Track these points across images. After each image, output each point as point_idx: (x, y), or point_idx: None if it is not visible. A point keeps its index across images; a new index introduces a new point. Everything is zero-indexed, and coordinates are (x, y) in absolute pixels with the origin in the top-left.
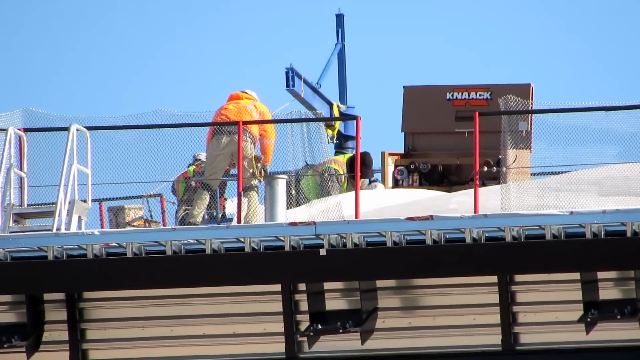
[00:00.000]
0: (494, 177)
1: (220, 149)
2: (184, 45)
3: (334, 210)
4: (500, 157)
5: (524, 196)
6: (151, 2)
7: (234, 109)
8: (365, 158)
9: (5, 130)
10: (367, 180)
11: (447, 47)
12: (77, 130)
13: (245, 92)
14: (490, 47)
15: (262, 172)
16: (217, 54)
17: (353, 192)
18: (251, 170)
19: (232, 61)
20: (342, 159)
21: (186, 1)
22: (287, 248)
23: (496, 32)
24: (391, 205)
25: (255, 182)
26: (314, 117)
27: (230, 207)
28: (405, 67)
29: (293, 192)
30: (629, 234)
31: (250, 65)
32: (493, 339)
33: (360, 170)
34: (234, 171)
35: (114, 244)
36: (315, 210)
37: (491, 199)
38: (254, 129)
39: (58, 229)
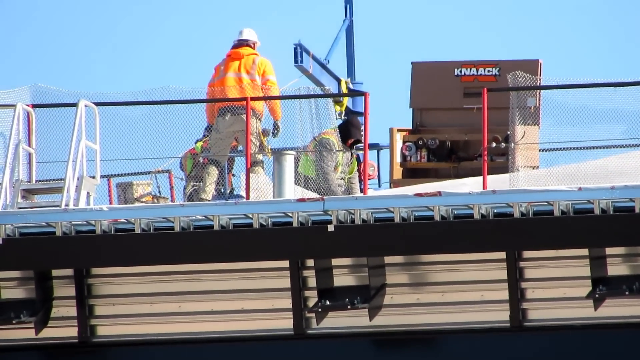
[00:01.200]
0: (502, 153)
1: (226, 128)
2: (192, 20)
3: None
4: (508, 133)
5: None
6: None
7: (234, 80)
8: (353, 120)
9: (13, 106)
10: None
11: (455, 22)
12: (86, 106)
13: (246, 44)
14: (498, 22)
15: (277, 131)
16: (226, 29)
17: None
18: (259, 144)
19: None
20: (331, 129)
21: None
22: (295, 224)
23: (505, 8)
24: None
25: (261, 156)
26: (322, 93)
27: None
28: (413, 43)
29: (300, 168)
30: (637, 210)
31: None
32: (501, 315)
33: (349, 131)
34: (241, 147)
35: (123, 220)
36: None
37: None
38: (260, 105)
39: (66, 205)
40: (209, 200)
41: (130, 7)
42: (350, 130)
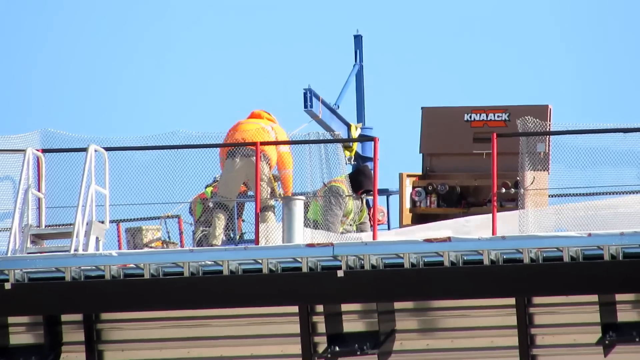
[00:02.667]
0: (512, 199)
1: (235, 170)
2: (202, 66)
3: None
4: (518, 178)
5: (542, 220)
6: (169, 23)
7: (251, 129)
8: (364, 169)
9: (23, 150)
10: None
11: (465, 67)
12: (95, 150)
13: (268, 113)
14: (508, 68)
15: (281, 192)
16: (236, 74)
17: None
18: (269, 190)
19: (250, 81)
20: (342, 177)
21: (204, 22)
22: (304, 269)
23: (514, 53)
24: (409, 228)
25: (272, 202)
26: (331, 138)
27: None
28: (423, 88)
29: (310, 213)
30: None
31: (268, 85)
32: None
33: (359, 181)
34: (251, 192)
35: (132, 265)
36: (334, 238)
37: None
38: (271, 154)
39: (76, 250)
40: (218, 246)
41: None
42: (361, 181)
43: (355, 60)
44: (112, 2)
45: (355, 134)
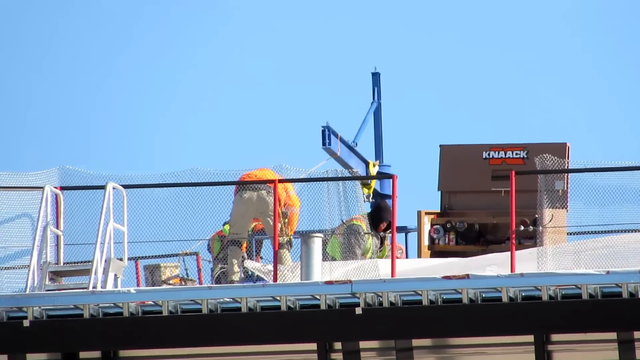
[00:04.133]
0: (530, 237)
1: (244, 204)
2: (222, 104)
3: (370, 269)
4: (536, 216)
5: (561, 258)
6: (189, 63)
7: (258, 173)
8: (383, 204)
9: (41, 188)
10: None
11: (483, 105)
12: (114, 188)
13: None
14: (527, 105)
15: (289, 246)
16: (255, 112)
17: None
18: (279, 226)
19: (269, 119)
20: (361, 215)
21: (225, 61)
22: (323, 307)
23: (533, 91)
24: (427, 266)
25: (283, 239)
26: (350, 175)
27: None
28: (441, 125)
29: (329, 250)
30: None
31: (287, 123)
32: None
33: (380, 215)
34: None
35: (150, 302)
36: (351, 267)
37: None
38: (280, 192)
39: (94, 287)
40: (237, 281)
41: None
42: (381, 215)
43: (374, 98)
44: (133, 42)
45: (373, 171)
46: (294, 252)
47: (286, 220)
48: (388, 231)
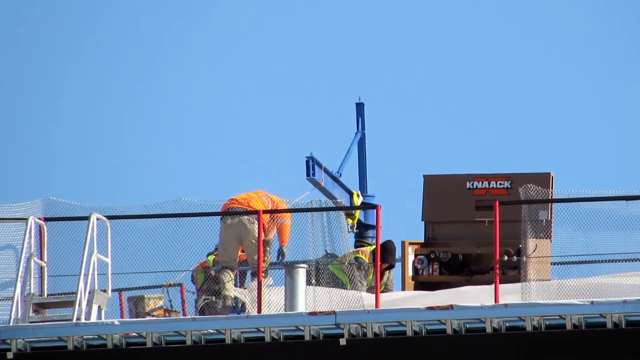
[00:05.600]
0: (514, 267)
1: (227, 231)
2: (206, 134)
3: (354, 301)
4: (520, 246)
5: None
6: (172, 92)
7: (243, 195)
8: (388, 245)
9: (25, 219)
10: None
11: (467, 135)
12: (97, 219)
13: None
14: (511, 135)
15: (281, 256)
16: (239, 142)
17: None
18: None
19: (254, 149)
20: (368, 249)
21: (206, 90)
22: (307, 338)
23: (517, 121)
24: (411, 295)
25: (265, 267)
26: (334, 205)
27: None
28: (425, 155)
29: (313, 281)
30: None
31: (271, 153)
32: None
33: (383, 256)
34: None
35: (134, 334)
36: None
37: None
38: (265, 217)
39: (78, 319)
40: (231, 304)
41: (142, 122)
42: (383, 256)
43: (357, 128)
44: (113, 68)
45: (357, 201)
46: (277, 280)
47: (268, 247)
48: (389, 269)
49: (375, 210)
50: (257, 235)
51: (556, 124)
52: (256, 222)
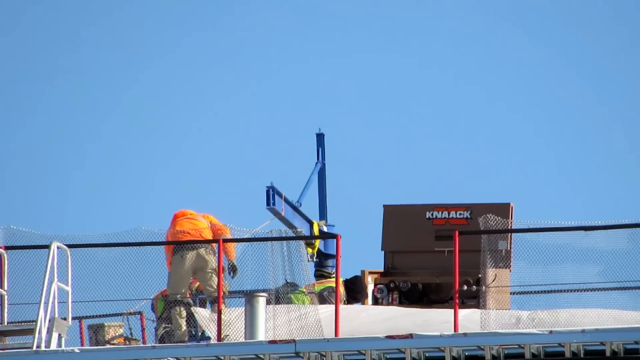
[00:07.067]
0: (474, 296)
1: (187, 264)
2: (164, 164)
3: (314, 327)
4: (480, 275)
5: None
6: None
7: (191, 226)
8: (359, 282)
9: None
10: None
11: (427, 166)
12: (58, 247)
13: (187, 210)
14: (470, 166)
15: (233, 272)
16: (198, 170)
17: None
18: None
19: (212, 178)
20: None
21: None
22: None
23: (476, 152)
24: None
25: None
26: (294, 235)
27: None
28: (385, 186)
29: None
30: (608, 354)
31: (231, 183)
32: None
33: (357, 293)
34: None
35: None
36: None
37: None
38: (207, 234)
39: (38, 347)
40: (186, 340)
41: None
42: (357, 293)
43: (318, 159)
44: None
45: (317, 231)
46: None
47: (224, 274)
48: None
49: (335, 239)
50: (214, 265)
51: (516, 154)
52: (212, 252)
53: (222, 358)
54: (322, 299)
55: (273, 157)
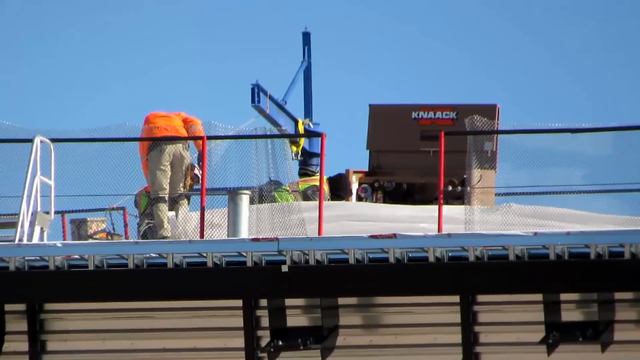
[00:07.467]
0: (458, 197)
1: (166, 158)
2: (149, 59)
3: (297, 226)
4: (465, 176)
5: (488, 216)
6: (116, 13)
7: (166, 122)
8: (343, 179)
9: None
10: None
11: (413, 66)
12: (41, 142)
13: (159, 112)
14: (456, 66)
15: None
16: (184, 68)
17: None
18: (186, 180)
19: (197, 76)
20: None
21: (152, 13)
22: (249, 264)
23: (462, 52)
24: (354, 222)
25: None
26: (278, 133)
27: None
28: (371, 85)
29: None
30: (592, 257)
31: (215, 81)
32: (454, 359)
33: (341, 190)
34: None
35: (76, 256)
36: (278, 222)
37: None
38: (183, 132)
39: (20, 240)
40: (168, 236)
41: (87, 42)
42: (341, 191)
43: (304, 57)
44: None
45: (302, 129)
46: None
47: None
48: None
49: (320, 138)
50: (188, 162)
51: (503, 55)
52: (187, 150)
53: (205, 255)
54: (306, 197)
55: (258, 55)
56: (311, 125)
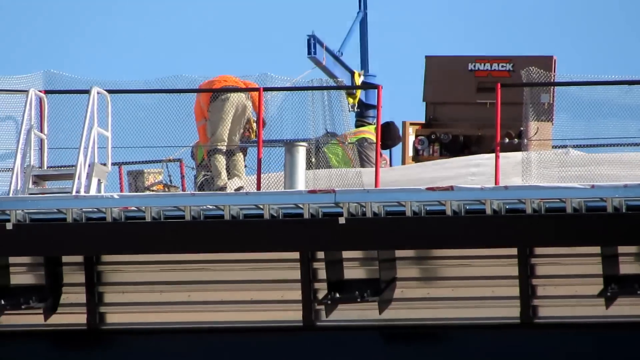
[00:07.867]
0: (515, 149)
1: (229, 108)
2: (206, 11)
3: (355, 178)
4: (521, 129)
5: (545, 168)
6: None
7: (226, 78)
8: (393, 129)
9: (26, 91)
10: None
11: (470, 18)
12: (98, 93)
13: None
14: (514, 18)
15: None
16: (239, 20)
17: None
18: (247, 133)
19: (253, 28)
20: (370, 128)
21: None
22: (306, 216)
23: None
24: (411, 174)
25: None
26: (335, 85)
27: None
28: (427, 37)
29: (313, 160)
30: None
31: (271, 32)
32: (512, 312)
33: (389, 140)
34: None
35: (133, 208)
36: (335, 177)
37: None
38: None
39: (77, 192)
40: (224, 186)
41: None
42: (390, 139)
43: (360, 8)
44: None
45: (358, 81)
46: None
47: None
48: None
49: (376, 90)
50: (249, 113)
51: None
52: (250, 99)
53: (261, 207)
54: (358, 150)
55: (314, 6)
56: (362, 78)
